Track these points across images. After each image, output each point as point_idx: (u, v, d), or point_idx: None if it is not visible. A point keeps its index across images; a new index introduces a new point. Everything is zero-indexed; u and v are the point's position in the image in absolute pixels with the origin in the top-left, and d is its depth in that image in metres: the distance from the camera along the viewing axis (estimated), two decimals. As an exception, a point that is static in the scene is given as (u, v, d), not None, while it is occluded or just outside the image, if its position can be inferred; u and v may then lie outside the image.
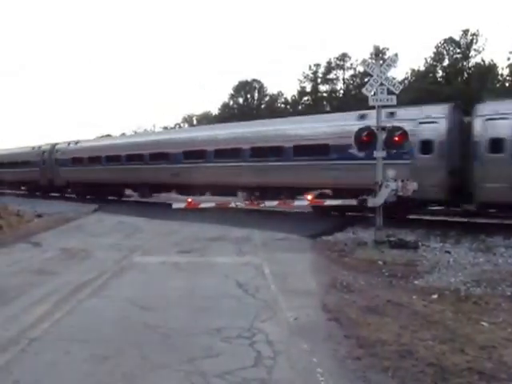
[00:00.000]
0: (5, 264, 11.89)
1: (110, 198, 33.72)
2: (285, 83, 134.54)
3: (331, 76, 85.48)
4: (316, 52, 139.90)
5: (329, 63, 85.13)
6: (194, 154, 26.05)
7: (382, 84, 14.20)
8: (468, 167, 17.00)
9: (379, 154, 14.20)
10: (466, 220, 17.62)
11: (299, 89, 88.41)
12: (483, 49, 68.78)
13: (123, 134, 68.06)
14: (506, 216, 17.40)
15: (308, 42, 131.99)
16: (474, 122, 16.84)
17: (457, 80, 67.14)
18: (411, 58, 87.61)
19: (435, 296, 8.71)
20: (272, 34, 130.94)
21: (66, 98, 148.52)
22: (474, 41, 69.78)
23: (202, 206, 17.49)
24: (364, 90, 14.77)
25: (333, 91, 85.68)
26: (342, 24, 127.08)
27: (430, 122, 17.79)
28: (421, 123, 17.84)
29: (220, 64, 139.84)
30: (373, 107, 14.68)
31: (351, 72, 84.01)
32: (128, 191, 34.47)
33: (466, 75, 69.31)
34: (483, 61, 67.76)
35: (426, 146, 17.65)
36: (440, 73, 72.46)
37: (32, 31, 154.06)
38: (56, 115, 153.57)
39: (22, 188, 42.49)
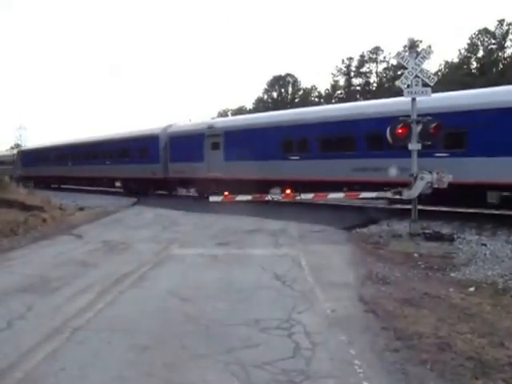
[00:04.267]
0: (49, 255, 12.25)
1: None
2: (318, 77, 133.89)
3: (364, 69, 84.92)
4: (349, 46, 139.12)
5: (362, 56, 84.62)
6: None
7: (416, 76, 14.06)
8: None
9: (414, 146, 14.11)
10: (500, 212, 17.34)
11: (332, 82, 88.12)
12: (520, 39, 67.29)
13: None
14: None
15: (341, 35, 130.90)
16: None
17: (492, 71, 65.69)
18: (445, 49, 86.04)
19: (472, 289, 8.60)
20: (306, 29, 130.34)
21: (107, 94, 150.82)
22: (510, 31, 68.23)
23: (239, 199, 17.60)
24: (398, 83, 14.66)
25: (366, 84, 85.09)
26: (374, 17, 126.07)
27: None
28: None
29: (255, 58, 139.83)
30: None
31: (384, 65, 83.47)
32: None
33: (501, 66, 67.79)
34: (519, 51, 66.28)
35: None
36: (474, 64, 71.10)
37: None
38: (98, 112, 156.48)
39: None
